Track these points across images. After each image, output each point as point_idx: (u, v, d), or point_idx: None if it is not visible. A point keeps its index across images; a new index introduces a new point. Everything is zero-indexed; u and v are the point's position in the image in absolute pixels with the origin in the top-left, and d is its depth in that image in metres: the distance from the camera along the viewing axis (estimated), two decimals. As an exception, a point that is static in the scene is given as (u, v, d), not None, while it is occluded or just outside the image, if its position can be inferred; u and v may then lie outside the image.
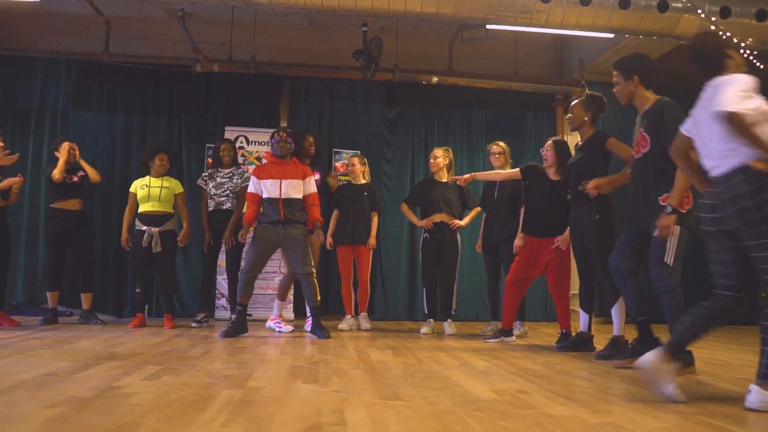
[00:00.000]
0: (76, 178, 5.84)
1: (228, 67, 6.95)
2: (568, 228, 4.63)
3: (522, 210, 5.45)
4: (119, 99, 7.22)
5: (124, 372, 3.02)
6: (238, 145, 7.01)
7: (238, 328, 4.87)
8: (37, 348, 3.94)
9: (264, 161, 6.36)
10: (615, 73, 3.72)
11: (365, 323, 6.04)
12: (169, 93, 7.30)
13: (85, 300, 5.92)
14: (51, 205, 5.82)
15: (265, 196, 4.97)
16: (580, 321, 4.51)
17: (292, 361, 3.62)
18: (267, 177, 4.98)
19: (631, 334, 3.86)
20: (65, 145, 5.80)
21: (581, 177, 4.25)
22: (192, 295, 6.85)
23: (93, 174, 5.93)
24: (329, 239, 6.00)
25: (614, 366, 3.65)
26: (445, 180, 5.92)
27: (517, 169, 5.17)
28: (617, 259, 3.70)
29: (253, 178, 5.06)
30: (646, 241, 3.53)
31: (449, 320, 5.79)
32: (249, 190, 5.06)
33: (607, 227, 4.19)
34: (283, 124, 7.33)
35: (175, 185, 5.91)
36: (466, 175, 5.39)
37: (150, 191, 5.75)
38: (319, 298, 4.95)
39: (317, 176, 5.37)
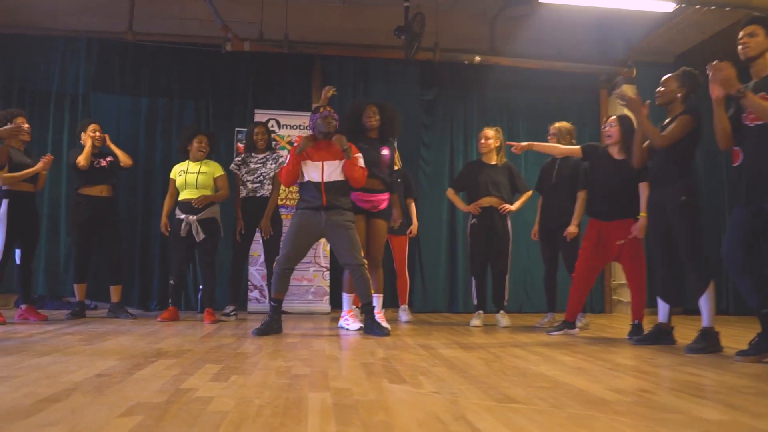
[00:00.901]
0: (104, 163, 5.48)
1: (259, 46, 6.56)
2: (643, 214, 4.27)
3: (580, 195, 5.09)
4: (143, 81, 6.86)
5: (184, 371, 2.66)
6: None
7: (272, 325, 4.38)
8: (75, 344, 3.58)
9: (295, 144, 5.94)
10: (753, 28, 3.32)
11: (405, 315, 5.68)
12: (195, 74, 6.93)
13: (114, 293, 5.57)
14: (77, 191, 5.46)
15: (306, 178, 4.56)
16: (659, 311, 4.13)
17: (358, 357, 3.26)
18: (307, 158, 4.54)
19: (725, 327, 3.49)
20: (92, 128, 5.45)
21: (669, 158, 3.89)
22: (222, 286, 6.47)
23: (123, 157, 5.59)
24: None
25: (737, 360, 3.27)
26: (494, 162, 5.56)
27: (578, 146, 4.82)
28: (732, 250, 3.33)
29: (292, 157, 4.59)
30: (764, 222, 3.16)
31: (502, 312, 5.42)
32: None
33: (695, 209, 3.82)
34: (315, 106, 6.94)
35: (214, 168, 5.51)
36: (523, 143, 5.02)
37: (187, 177, 5.38)
38: (373, 291, 4.55)
39: (385, 151, 4.81)
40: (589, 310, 7.06)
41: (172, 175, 5.50)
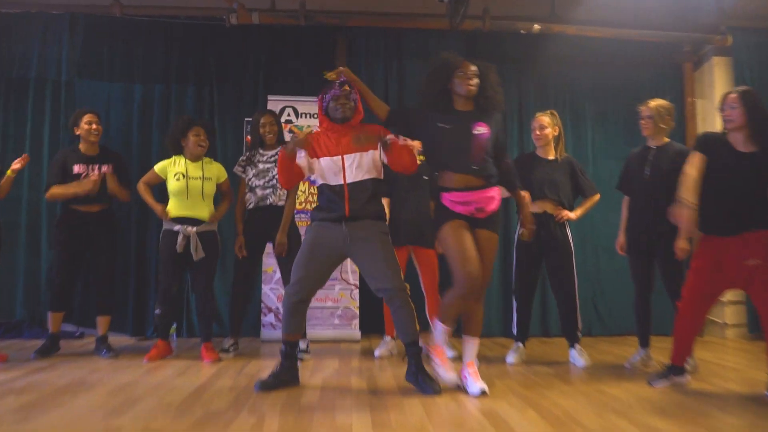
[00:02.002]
0: (94, 174, 4.42)
1: (271, 18, 5.44)
2: None
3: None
4: (135, 64, 5.77)
5: None
6: (284, 118, 5.56)
7: (282, 377, 3.31)
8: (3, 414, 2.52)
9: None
10: None
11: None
12: (197, 54, 5.82)
13: (102, 324, 4.53)
14: (63, 204, 4.49)
15: (318, 182, 3.42)
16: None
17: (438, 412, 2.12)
18: (320, 152, 3.38)
19: None
20: (87, 119, 4.48)
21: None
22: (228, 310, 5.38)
23: (122, 195, 4.60)
24: None
25: None
26: (552, 157, 4.42)
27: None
28: None
29: (299, 153, 3.41)
30: None
31: (577, 346, 4.25)
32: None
33: None
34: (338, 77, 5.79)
35: (218, 172, 4.49)
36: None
37: (189, 184, 4.29)
38: (418, 327, 3.41)
39: (482, 128, 3.30)
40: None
41: (158, 169, 4.41)
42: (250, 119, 5.19)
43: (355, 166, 3.33)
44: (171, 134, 4.41)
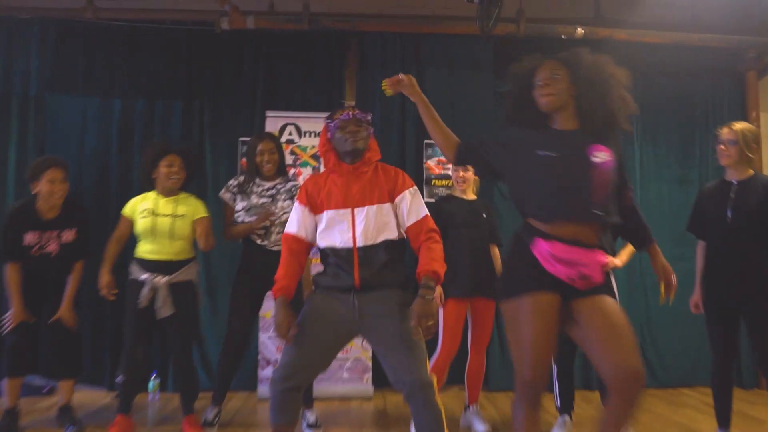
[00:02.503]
0: (50, 246, 3.64)
1: (269, 22, 4.67)
2: None
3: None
4: (114, 76, 5.00)
5: None
6: (285, 138, 4.80)
7: None
8: None
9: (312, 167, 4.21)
10: None
11: (481, 425, 3.74)
12: (185, 64, 5.04)
13: (65, 390, 3.76)
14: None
15: (322, 244, 2.64)
16: None
17: None
18: (324, 204, 2.61)
19: None
20: (50, 176, 3.58)
21: None
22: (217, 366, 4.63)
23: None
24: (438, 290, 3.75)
25: None
26: None
27: None
28: None
29: (296, 206, 2.68)
30: None
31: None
32: (287, 230, 2.68)
33: None
34: (349, 104, 5.02)
35: (194, 209, 3.67)
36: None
37: (156, 222, 3.53)
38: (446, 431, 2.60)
39: (603, 155, 2.23)
40: (736, 383, 5.00)
41: (127, 212, 3.64)
42: (247, 139, 4.40)
43: (370, 222, 2.55)
44: (141, 165, 3.66)
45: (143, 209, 3.55)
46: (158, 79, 5.01)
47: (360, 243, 2.53)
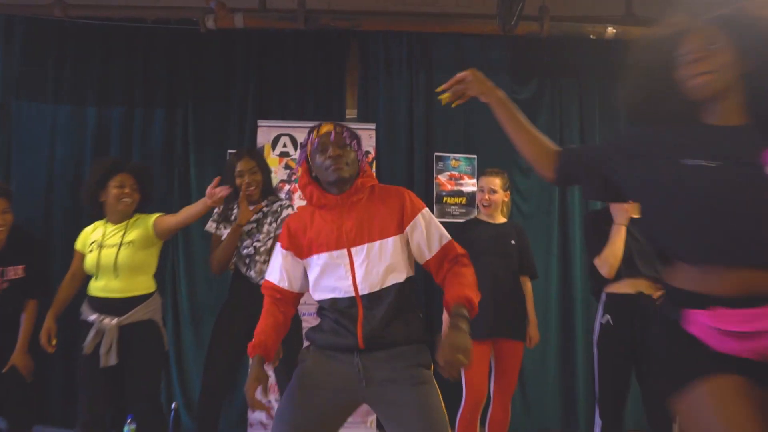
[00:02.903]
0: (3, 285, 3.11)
1: (259, 21, 4.15)
2: None
3: None
4: (89, 81, 4.48)
5: None
6: (279, 150, 4.32)
7: None
8: None
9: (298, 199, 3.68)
10: None
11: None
12: (167, 67, 4.52)
13: None
14: None
15: (316, 296, 2.09)
16: None
17: None
18: (312, 246, 2.06)
19: None
20: None
21: None
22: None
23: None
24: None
25: None
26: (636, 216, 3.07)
27: None
28: None
29: (277, 249, 2.14)
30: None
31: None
32: (267, 277, 2.16)
33: None
34: (351, 113, 4.50)
35: (144, 223, 3.08)
36: None
37: (100, 255, 2.98)
38: None
39: None
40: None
41: (79, 246, 3.11)
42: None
43: (373, 266, 2.01)
44: (85, 188, 3.09)
45: (92, 241, 3.02)
46: (137, 84, 4.50)
47: (363, 291, 2.00)
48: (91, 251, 2.99)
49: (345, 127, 2.08)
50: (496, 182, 3.39)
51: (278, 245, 2.12)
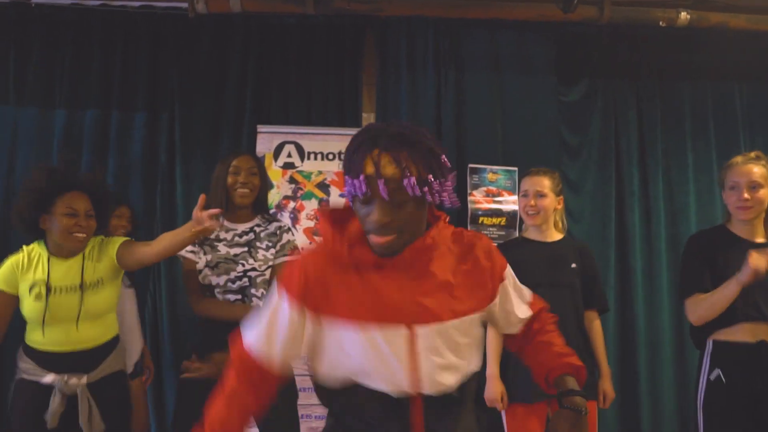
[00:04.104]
0: None
1: (261, 5, 3.52)
2: None
3: None
4: (57, 78, 3.85)
5: None
6: (283, 161, 3.67)
7: None
8: None
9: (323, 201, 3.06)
10: None
11: None
12: (149, 62, 3.88)
13: None
14: None
15: (339, 377, 1.32)
16: None
17: None
18: (339, 310, 1.28)
19: None
20: None
21: None
22: None
23: None
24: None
25: None
26: (762, 239, 2.45)
27: None
28: None
29: (273, 301, 1.34)
30: None
31: None
32: (244, 339, 1.36)
33: None
34: (368, 117, 3.83)
35: (109, 252, 2.39)
36: None
37: (52, 303, 2.29)
38: None
39: None
40: None
41: (4, 284, 2.36)
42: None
43: (438, 352, 1.27)
44: (16, 207, 2.39)
45: (32, 283, 2.32)
46: (114, 82, 3.86)
47: (428, 389, 1.26)
48: (37, 297, 2.28)
49: (416, 161, 1.22)
50: (545, 183, 2.73)
51: (276, 294, 1.34)
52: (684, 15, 3.52)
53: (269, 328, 1.33)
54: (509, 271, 1.42)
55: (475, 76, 3.97)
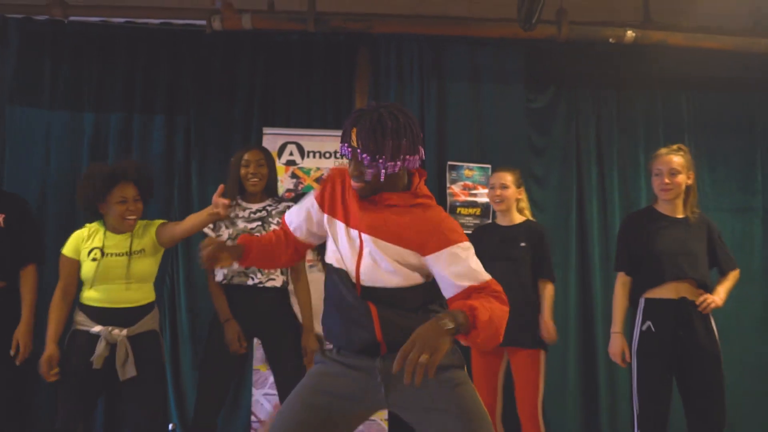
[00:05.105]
0: None
1: (269, 22, 4.01)
2: None
3: None
4: (86, 85, 4.28)
5: None
6: (285, 159, 4.15)
7: None
8: None
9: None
10: None
11: None
12: (168, 72, 4.33)
13: None
14: None
15: (331, 261, 1.93)
16: None
17: None
18: (339, 212, 1.93)
19: None
20: None
21: None
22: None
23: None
24: None
25: None
26: (681, 215, 2.98)
27: None
28: None
29: (309, 197, 2.03)
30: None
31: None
32: (285, 217, 2.11)
33: None
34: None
35: (150, 231, 2.94)
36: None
37: (109, 264, 2.79)
38: None
39: None
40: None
41: (70, 252, 2.88)
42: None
43: (379, 260, 1.83)
44: (80, 197, 2.90)
45: (90, 247, 2.82)
46: (137, 89, 4.30)
47: (365, 281, 1.86)
48: (93, 259, 2.78)
49: (374, 136, 1.75)
50: (508, 178, 3.27)
51: (312, 194, 2.00)
52: (630, 33, 4.05)
53: (299, 209, 2.03)
54: (464, 246, 1.81)
55: (454, 85, 4.46)
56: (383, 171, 1.78)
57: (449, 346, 1.60)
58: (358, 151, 1.76)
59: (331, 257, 1.92)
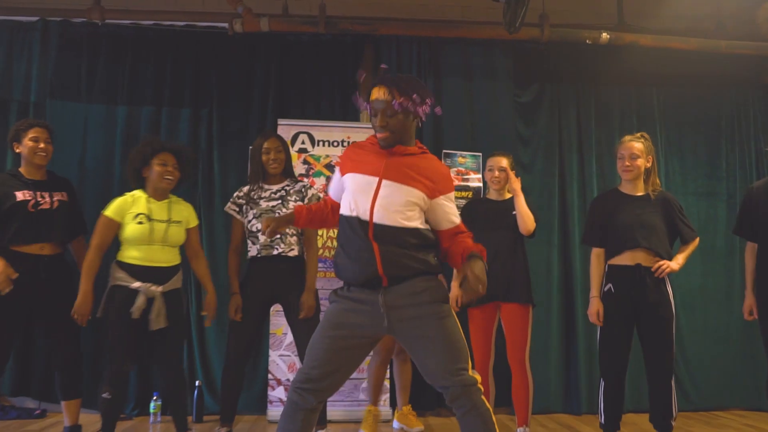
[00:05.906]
0: (48, 202, 3.40)
1: (284, 25, 4.50)
2: None
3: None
4: (119, 81, 4.76)
5: None
6: (297, 147, 4.59)
7: None
8: None
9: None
10: None
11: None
12: (193, 69, 4.82)
13: (69, 410, 3.45)
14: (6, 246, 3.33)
15: (345, 211, 2.33)
16: None
17: None
18: (355, 167, 2.35)
19: None
20: (33, 134, 3.47)
21: None
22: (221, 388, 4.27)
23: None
24: (455, 291, 3.50)
25: None
26: (641, 193, 3.43)
27: None
28: None
29: (336, 175, 2.48)
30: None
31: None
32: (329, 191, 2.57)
33: None
34: (365, 113, 4.80)
35: (188, 215, 3.49)
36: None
37: (153, 228, 3.28)
38: None
39: None
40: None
41: (113, 214, 3.32)
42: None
43: (393, 200, 2.26)
44: (131, 160, 3.41)
45: (135, 213, 3.30)
46: (165, 84, 4.78)
47: (377, 219, 2.24)
48: (139, 223, 3.26)
49: (397, 88, 2.23)
50: (504, 162, 3.71)
51: (337, 170, 2.46)
52: (605, 35, 4.55)
53: (333, 183, 2.48)
54: (451, 195, 2.34)
55: (449, 81, 4.95)
56: (418, 109, 2.24)
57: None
58: (390, 100, 2.20)
59: (345, 207, 2.32)
